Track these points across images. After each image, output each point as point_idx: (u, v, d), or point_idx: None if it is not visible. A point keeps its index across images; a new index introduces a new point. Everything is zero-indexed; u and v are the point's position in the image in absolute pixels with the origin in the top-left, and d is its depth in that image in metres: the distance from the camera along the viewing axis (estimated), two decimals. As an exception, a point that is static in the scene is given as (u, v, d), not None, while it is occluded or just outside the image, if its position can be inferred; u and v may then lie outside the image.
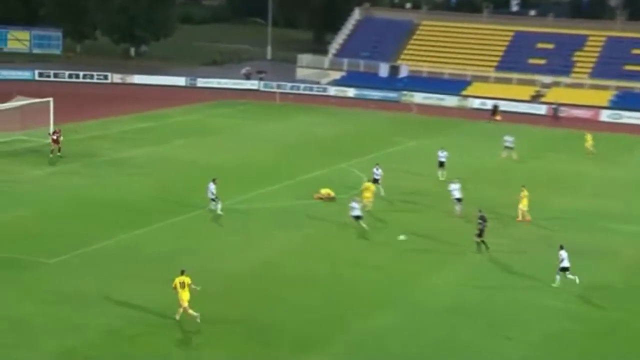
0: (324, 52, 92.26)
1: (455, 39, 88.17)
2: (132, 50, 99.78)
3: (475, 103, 77.34)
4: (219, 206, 37.47)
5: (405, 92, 79.08)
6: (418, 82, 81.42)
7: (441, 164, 46.88)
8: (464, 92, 79.76)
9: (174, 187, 42.10)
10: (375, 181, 42.18)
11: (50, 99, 52.32)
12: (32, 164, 46.14)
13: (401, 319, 27.72)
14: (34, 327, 25.51)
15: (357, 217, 36.10)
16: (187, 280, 26.52)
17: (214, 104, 71.84)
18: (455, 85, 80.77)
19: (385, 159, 51.11)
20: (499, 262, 33.51)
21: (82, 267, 30.88)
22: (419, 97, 76.99)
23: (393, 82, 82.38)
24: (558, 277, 30.90)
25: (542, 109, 74.79)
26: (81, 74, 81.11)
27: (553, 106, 73.20)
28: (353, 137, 60.04)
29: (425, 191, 44.33)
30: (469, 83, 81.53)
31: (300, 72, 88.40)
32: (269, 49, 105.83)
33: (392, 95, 79.47)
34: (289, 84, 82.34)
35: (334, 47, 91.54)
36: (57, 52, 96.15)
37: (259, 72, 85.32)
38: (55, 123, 52.13)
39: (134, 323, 26.26)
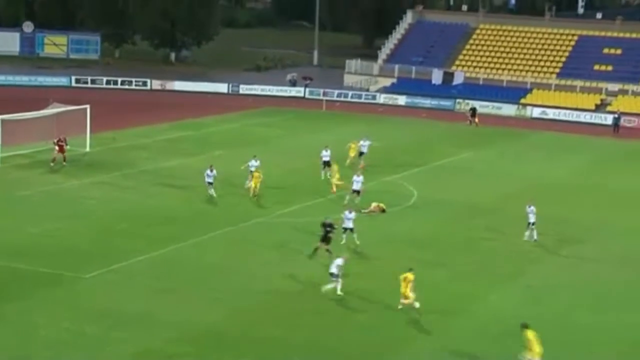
0: (373, 57, 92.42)
1: (515, 43, 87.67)
2: (173, 56, 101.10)
3: (535, 112, 76.76)
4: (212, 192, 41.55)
5: (459, 100, 78.83)
6: (474, 90, 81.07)
7: (326, 163, 47.72)
8: (523, 101, 79.18)
9: (212, 201, 42.49)
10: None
11: (87, 106, 53.33)
12: (68, 174, 47.04)
13: (459, 341, 27.67)
14: (65, 346, 25.99)
15: (350, 230, 35.54)
16: (410, 277, 27.76)
17: (257, 112, 72.44)
18: (513, 93, 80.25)
19: (437, 171, 51.15)
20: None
21: (118, 282, 31.41)
22: (474, 106, 76.62)
23: (447, 89, 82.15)
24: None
25: (607, 119, 73.96)
26: (119, 80, 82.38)
27: (615, 115, 72.45)
28: (403, 147, 60.05)
29: (481, 206, 44.15)
30: (528, 91, 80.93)
31: (348, 79, 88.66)
32: (316, 54, 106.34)
33: (445, 103, 79.28)
34: (336, 91, 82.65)
35: (384, 53, 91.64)
36: (95, 57, 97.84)
37: (305, 78, 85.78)
38: (91, 131, 53.14)
39: (173, 342, 26.62)
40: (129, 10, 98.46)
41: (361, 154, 51.01)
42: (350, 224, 36.28)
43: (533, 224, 38.15)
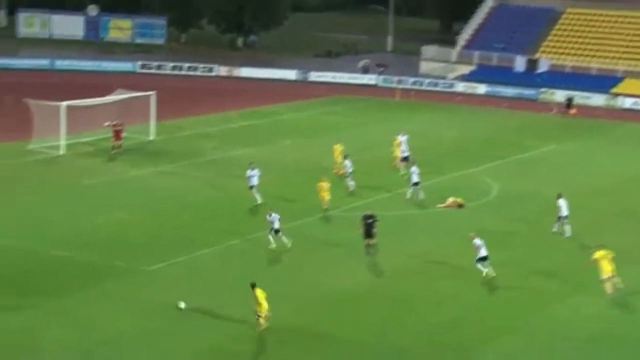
0: (451, 43, 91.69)
1: (605, 29, 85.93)
2: (240, 41, 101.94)
3: (627, 102, 75.20)
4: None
5: (544, 90, 77.72)
6: (560, 78, 79.79)
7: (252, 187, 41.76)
8: (614, 90, 77.63)
9: (278, 192, 42.70)
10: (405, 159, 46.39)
11: (152, 92, 54.22)
12: (132, 163, 47.92)
13: (534, 345, 27.44)
14: (128, 340, 26.52)
15: (277, 231, 35.21)
16: (260, 294, 27.35)
17: (327, 101, 72.60)
18: (603, 82, 78.74)
19: (518, 164, 50.55)
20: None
21: (182, 275, 31.92)
22: (560, 95, 75.48)
23: (530, 77, 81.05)
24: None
25: None
26: (185, 65, 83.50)
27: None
28: (482, 139, 59.49)
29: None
30: (620, 79, 79.32)
31: (424, 66, 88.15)
32: (390, 39, 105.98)
33: (529, 92, 78.21)
34: (411, 79, 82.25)
35: (463, 38, 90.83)
36: (160, 42, 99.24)
37: (378, 65, 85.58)
38: (157, 119, 54.01)
39: (237, 339, 26.96)
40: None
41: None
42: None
43: (565, 217, 37.80)
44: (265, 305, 27.26)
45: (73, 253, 33.29)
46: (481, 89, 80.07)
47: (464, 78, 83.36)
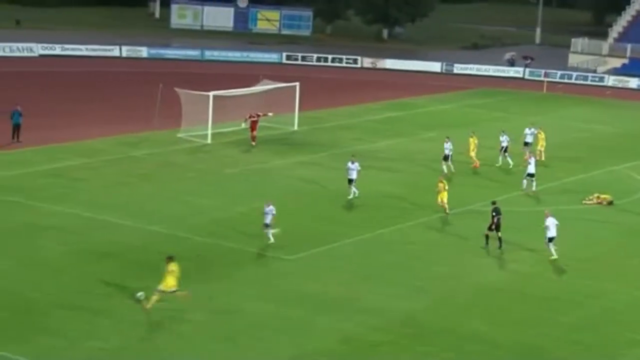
0: (602, 35, 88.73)
1: None
2: (385, 32, 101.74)
3: None
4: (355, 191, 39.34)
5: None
6: None
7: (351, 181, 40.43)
8: None
9: (418, 185, 42.33)
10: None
11: (297, 83, 54.79)
12: (274, 153, 48.59)
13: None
14: (269, 328, 26.86)
15: (267, 225, 33.88)
16: (175, 268, 27.08)
17: (471, 93, 71.57)
18: None
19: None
20: None
21: (321, 266, 32.15)
22: None
23: (686, 71, 77.57)
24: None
25: None
26: (330, 57, 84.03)
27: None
28: (633, 135, 57.31)
29: None
30: None
31: (573, 59, 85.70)
32: (538, 31, 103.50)
33: (684, 87, 74.86)
34: (559, 72, 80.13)
35: (615, 31, 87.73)
36: (307, 33, 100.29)
37: (525, 57, 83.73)
38: (300, 110, 54.57)
39: (375, 330, 26.94)
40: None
41: (526, 144, 48.45)
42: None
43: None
44: (169, 282, 26.82)
45: (216, 240, 34.04)
46: (633, 83, 77.28)
47: (616, 72, 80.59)
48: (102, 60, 77.20)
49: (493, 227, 34.01)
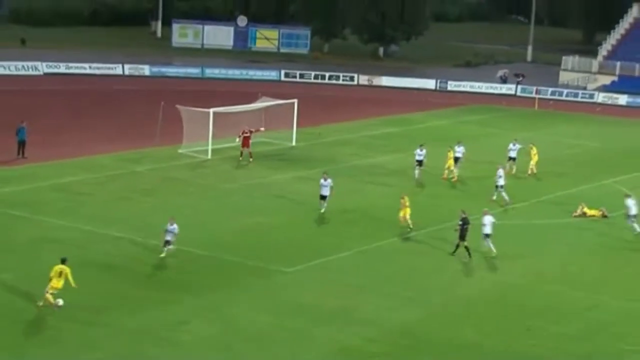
0: (592, 53, 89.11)
1: None
2: (381, 50, 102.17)
3: None
4: None
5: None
6: None
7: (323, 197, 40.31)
8: None
9: (413, 200, 42.46)
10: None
11: (295, 100, 55.05)
12: (274, 168, 48.77)
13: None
14: (269, 339, 27.00)
15: (167, 242, 33.48)
16: (66, 270, 27.61)
17: (465, 110, 71.85)
18: None
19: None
20: None
21: (319, 278, 32.31)
22: None
23: (674, 88, 77.85)
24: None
25: None
26: (327, 74, 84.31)
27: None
28: (622, 151, 57.57)
29: None
30: None
31: (564, 76, 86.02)
32: (530, 49, 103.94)
33: (672, 104, 75.16)
34: (550, 89, 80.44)
35: (605, 49, 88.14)
36: (305, 51, 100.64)
37: (517, 75, 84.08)
38: (298, 126, 54.77)
39: (371, 341, 27.08)
40: (339, 4, 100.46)
41: (510, 158, 48.55)
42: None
43: (634, 216, 37.84)
44: (54, 283, 27.47)
45: (214, 253, 34.19)
46: (622, 99, 77.54)
47: (605, 89, 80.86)
48: (106, 78, 77.44)
49: (460, 236, 34.27)
